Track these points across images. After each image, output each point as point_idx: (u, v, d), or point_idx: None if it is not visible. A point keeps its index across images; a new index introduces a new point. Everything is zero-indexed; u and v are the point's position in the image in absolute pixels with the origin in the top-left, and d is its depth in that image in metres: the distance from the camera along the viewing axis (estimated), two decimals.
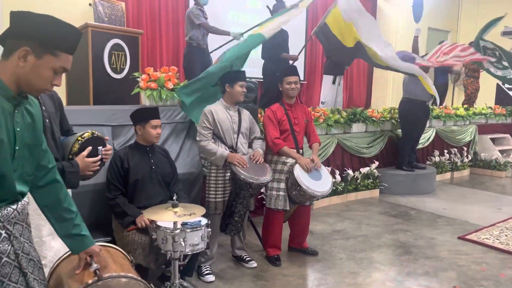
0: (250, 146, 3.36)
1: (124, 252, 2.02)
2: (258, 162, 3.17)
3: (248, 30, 4.67)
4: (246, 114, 3.31)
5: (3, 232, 1.32)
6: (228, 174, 3.10)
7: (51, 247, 2.20)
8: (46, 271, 1.69)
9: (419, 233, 4.18)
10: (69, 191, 2.22)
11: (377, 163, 5.66)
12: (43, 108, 2.00)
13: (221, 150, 3.07)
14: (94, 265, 1.62)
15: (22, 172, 1.39)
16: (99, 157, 2.15)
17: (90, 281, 1.59)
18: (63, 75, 4.18)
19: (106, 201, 2.71)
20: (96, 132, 2.18)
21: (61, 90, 4.08)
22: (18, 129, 1.34)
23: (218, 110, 3.14)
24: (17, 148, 1.34)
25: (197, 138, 3.14)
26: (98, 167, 2.18)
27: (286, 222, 3.62)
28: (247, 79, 3.26)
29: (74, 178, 2.02)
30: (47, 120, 2.00)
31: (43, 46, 1.30)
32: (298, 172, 3.24)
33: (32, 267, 1.44)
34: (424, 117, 5.95)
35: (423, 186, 5.83)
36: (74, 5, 5.10)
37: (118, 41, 3.98)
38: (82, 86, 3.87)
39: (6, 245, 1.33)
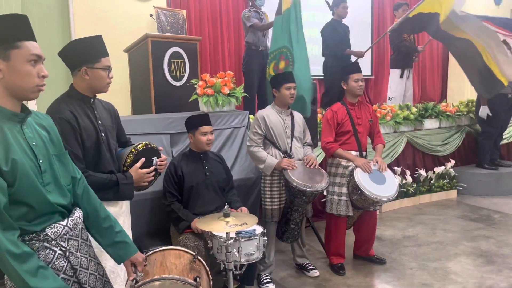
0: None
1: (182, 249, 1.92)
2: (313, 167, 3.04)
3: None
4: (299, 117, 3.19)
5: (57, 249, 1.34)
6: (283, 180, 3.00)
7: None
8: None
9: (504, 240, 3.75)
10: (126, 202, 2.30)
11: (453, 161, 5.24)
12: (99, 122, 2.05)
13: (271, 158, 2.98)
14: (138, 274, 1.61)
15: (57, 184, 1.39)
16: (153, 167, 2.17)
17: None
18: (127, 85, 4.25)
19: (163, 208, 2.76)
20: (150, 143, 2.20)
21: (126, 101, 4.28)
22: (34, 143, 1.35)
23: (270, 115, 3.06)
24: (40, 161, 1.35)
25: (247, 143, 3.09)
26: (153, 178, 2.20)
27: (350, 228, 3.44)
28: None
29: (128, 189, 2.05)
30: (103, 134, 2.05)
31: (3, 46, 1.28)
32: (359, 176, 3.05)
33: (94, 282, 1.46)
34: (506, 110, 5.36)
35: (509, 186, 5.29)
36: (139, 17, 5.30)
37: (177, 49, 4.07)
38: (145, 95, 4.00)
39: (62, 262, 1.36)
